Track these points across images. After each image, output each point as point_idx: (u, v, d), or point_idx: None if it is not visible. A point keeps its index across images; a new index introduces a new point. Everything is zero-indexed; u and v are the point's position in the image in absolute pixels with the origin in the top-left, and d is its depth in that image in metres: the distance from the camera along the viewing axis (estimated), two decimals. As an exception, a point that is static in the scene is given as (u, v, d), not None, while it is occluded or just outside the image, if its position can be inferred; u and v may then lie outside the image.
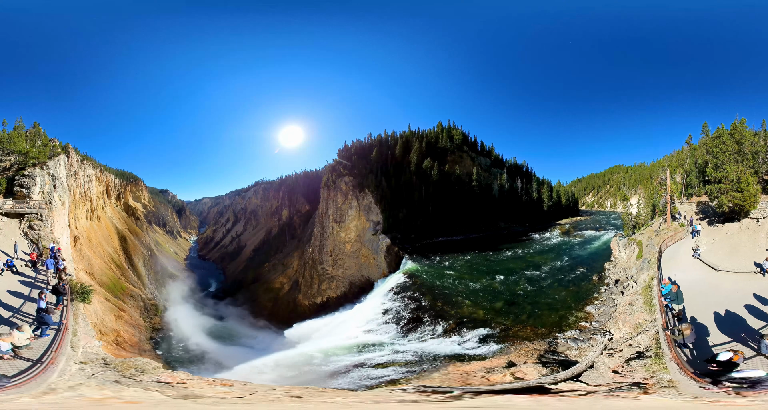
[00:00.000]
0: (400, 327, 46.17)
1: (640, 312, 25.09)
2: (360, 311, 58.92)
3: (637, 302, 27.20)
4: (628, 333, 23.83)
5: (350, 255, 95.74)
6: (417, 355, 37.01)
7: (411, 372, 33.02)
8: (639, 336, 21.64)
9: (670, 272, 27.05)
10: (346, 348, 44.15)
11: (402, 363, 36.01)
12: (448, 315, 44.03)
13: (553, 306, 40.94)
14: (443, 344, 38.15)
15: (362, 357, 40.26)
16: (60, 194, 41.26)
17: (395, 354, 38.70)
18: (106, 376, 14.86)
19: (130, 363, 16.83)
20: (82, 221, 78.29)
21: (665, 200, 39.29)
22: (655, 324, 21.59)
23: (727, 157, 34.81)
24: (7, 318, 18.86)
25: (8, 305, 20.80)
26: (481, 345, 35.10)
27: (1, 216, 32.75)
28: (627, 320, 25.47)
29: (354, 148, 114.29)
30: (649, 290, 27.50)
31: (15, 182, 36.25)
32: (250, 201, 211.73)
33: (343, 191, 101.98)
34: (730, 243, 31.08)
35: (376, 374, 34.84)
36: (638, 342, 20.68)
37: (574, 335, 30.29)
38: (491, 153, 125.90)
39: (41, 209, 34.78)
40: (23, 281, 25.32)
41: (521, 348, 30.28)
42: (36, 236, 31.66)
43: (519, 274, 54.71)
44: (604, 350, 23.22)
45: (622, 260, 43.47)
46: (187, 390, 13.65)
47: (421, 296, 50.95)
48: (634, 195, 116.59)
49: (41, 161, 39.75)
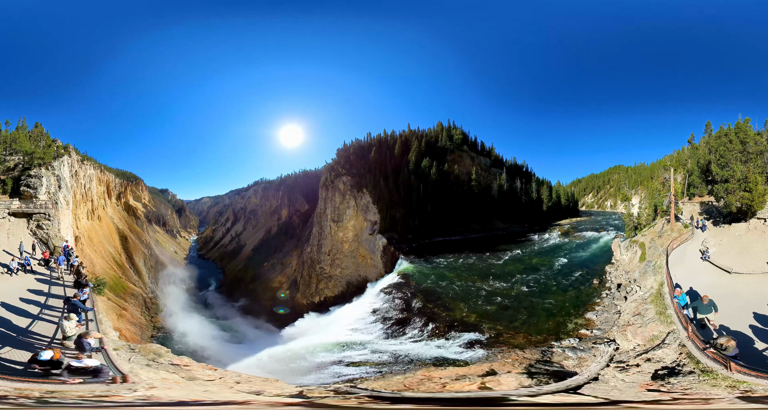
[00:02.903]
0: (386, 328, 45.65)
1: (655, 324, 23.35)
2: (350, 310, 58.91)
3: (648, 312, 25.59)
4: (641, 346, 22.07)
5: (348, 255, 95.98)
6: (394, 356, 36.13)
7: (378, 372, 32.34)
8: (659, 350, 19.79)
9: (681, 277, 26.04)
10: (330, 346, 43.80)
11: (375, 363, 35.38)
12: (437, 318, 43.06)
13: (551, 312, 39.16)
14: (426, 347, 36.92)
15: (342, 354, 39.87)
16: (65, 194, 41.33)
17: (373, 354, 38.00)
18: (138, 360, 16.42)
19: (149, 348, 18.60)
20: (83, 220, 78.26)
21: (669, 200, 38.55)
22: (676, 336, 20.12)
23: (734, 156, 34.34)
24: (36, 313, 19.38)
25: (34, 301, 21.34)
26: (466, 351, 33.52)
27: (9, 216, 32.83)
28: (638, 332, 23.81)
29: (353, 148, 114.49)
30: (661, 298, 26.11)
31: (21, 182, 36.33)
32: (250, 201, 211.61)
33: (341, 190, 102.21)
34: (740, 244, 30.05)
35: (345, 372, 34.56)
36: (660, 357, 18.90)
37: (572, 343, 28.43)
38: (491, 153, 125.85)
39: (48, 209, 34.86)
40: (40, 279, 25.88)
41: (509, 356, 28.59)
42: (45, 235, 31.77)
43: (516, 276, 53.18)
44: (610, 361, 21.54)
45: (624, 262, 42.28)
46: (190, 372, 16.29)
47: (412, 298, 50.37)
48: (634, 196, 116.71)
49: (47, 162, 39.85)
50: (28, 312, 19.46)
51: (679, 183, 43.98)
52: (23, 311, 19.43)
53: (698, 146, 48.48)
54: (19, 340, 15.90)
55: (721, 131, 41.01)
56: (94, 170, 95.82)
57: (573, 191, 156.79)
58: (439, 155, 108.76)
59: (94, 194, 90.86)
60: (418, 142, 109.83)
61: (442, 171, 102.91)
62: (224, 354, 62.81)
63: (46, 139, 47.32)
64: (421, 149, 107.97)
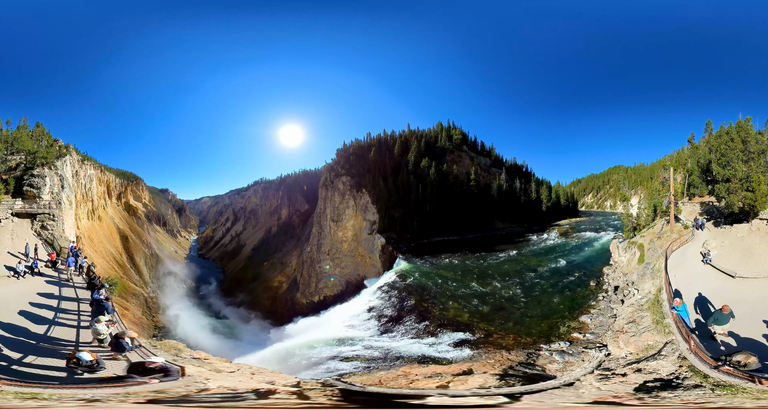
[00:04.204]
0: (380, 325, 46.12)
1: (650, 333, 22.00)
2: (348, 307, 59.40)
3: (644, 320, 24.14)
4: (634, 355, 20.87)
5: (347, 254, 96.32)
6: (384, 353, 36.56)
7: (366, 368, 32.66)
8: (654, 361, 18.42)
9: (681, 281, 24.91)
10: (328, 341, 44.19)
11: (365, 359, 35.88)
12: (431, 316, 43.32)
13: (545, 314, 38.84)
14: (415, 344, 37.19)
15: (337, 350, 40.31)
16: (68, 194, 41.42)
17: (365, 350, 38.43)
18: (164, 355, 16.60)
19: (169, 344, 19.31)
20: (84, 221, 78.24)
21: (668, 200, 37.85)
22: (675, 347, 18.66)
23: (735, 155, 33.73)
24: (52, 318, 19.18)
25: (46, 305, 21.04)
26: (453, 350, 33.60)
27: (12, 217, 32.85)
28: (630, 340, 22.54)
29: (353, 148, 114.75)
30: (658, 305, 24.59)
31: (24, 181, 36.28)
32: (250, 200, 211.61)
33: (340, 190, 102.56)
34: (743, 246, 28.80)
35: (337, 367, 34.92)
36: (654, 368, 17.57)
37: (562, 347, 27.43)
38: (491, 153, 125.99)
39: (52, 209, 34.91)
40: (49, 281, 25.50)
41: (493, 357, 28.03)
42: (50, 236, 31.77)
43: (512, 277, 52.83)
44: (597, 368, 20.36)
45: (622, 264, 41.07)
46: (212, 365, 16.80)
47: (407, 296, 50.69)
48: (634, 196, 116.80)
49: (50, 161, 39.86)
50: (43, 316, 19.12)
51: (679, 183, 43.41)
52: (37, 316, 19.09)
53: (698, 146, 48.06)
54: (41, 347, 15.69)
55: (722, 130, 40.63)
56: (94, 170, 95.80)
57: (572, 191, 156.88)
58: (438, 155, 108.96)
59: (94, 194, 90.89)
60: (418, 142, 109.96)
61: (441, 171, 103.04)
62: (226, 353, 63.02)
63: (47, 139, 47.35)
64: (420, 149, 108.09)
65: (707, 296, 22.11)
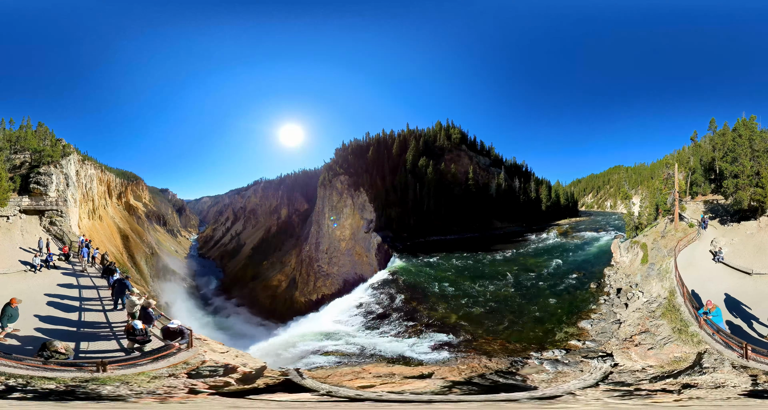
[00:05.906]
0: (366, 322, 45.68)
1: (675, 344, 19.78)
2: (338, 302, 59.12)
3: (661, 330, 22.04)
4: (656, 368, 18.43)
5: (345, 253, 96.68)
6: (362, 349, 36.09)
7: (337, 363, 32.46)
8: (699, 375, 15.54)
9: (693, 282, 23.55)
10: (315, 336, 43.96)
11: (342, 354, 35.43)
12: (418, 316, 42.41)
13: (540, 318, 36.69)
14: (397, 343, 36.48)
15: (321, 344, 39.90)
16: (72, 192, 41.53)
17: (346, 345, 38.00)
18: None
19: None
20: (85, 220, 78.17)
21: (672, 197, 37.09)
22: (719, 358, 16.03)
23: (743, 151, 33.62)
24: (79, 306, 20.24)
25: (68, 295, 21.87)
26: (431, 352, 32.38)
27: (20, 213, 32.97)
28: (649, 353, 20.20)
29: (351, 147, 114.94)
30: (675, 312, 22.63)
31: (30, 179, 36.42)
32: (250, 200, 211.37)
33: (338, 189, 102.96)
34: (754, 243, 28.13)
35: (315, 361, 34.71)
36: (713, 381, 14.74)
37: (557, 355, 25.18)
38: (490, 153, 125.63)
39: (60, 206, 35.08)
40: (66, 273, 26.75)
41: (468, 363, 26.07)
42: (59, 231, 32.04)
43: (508, 278, 51.19)
44: (603, 381, 18.35)
45: (624, 265, 40.26)
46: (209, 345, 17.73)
47: (397, 295, 50.28)
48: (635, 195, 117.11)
49: (55, 160, 39.94)
50: (71, 305, 20.20)
51: (682, 181, 42.89)
52: (66, 305, 20.10)
53: (701, 144, 47.82)
54: (85, 333, 17.04)
55: (726, 128, 40.78)
56: (94, 170, 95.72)
57: (573, 191, 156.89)
58: (436, 155, 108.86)
59: (95, 193, 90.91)
60: (416, 141, 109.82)
61: (440, 170, 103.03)
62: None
63: (51, 138, 47.43)
64: (418, 149, 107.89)
65: (728, 295, 21.41)
